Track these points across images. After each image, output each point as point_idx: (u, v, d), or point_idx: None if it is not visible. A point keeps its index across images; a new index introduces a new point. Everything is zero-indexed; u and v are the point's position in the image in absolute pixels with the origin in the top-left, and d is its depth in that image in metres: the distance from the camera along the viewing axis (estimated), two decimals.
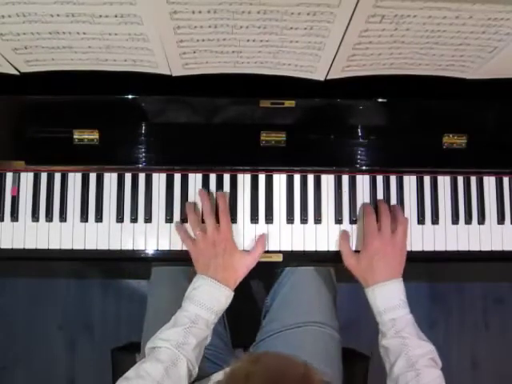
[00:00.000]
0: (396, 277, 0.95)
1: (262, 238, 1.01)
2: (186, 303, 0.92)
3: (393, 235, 0.98)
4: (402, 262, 0.98)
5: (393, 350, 0.90)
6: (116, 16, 0.73)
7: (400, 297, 0.94)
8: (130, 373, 0.84)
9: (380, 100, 0.99)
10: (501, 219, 1.06)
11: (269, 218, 1.04)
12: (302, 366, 0.66)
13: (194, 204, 1.02)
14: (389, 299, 0.93)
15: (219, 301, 0.92)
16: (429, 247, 1.05)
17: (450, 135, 1.03)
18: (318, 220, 1.04)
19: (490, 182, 1.07)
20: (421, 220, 1.05)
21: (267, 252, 1.03)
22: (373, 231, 0.98)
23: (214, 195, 1.03)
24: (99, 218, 1.03)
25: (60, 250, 1.02)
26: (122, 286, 1.76)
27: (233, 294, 0.95)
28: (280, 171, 1.05)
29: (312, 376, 0.65)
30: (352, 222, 1.04)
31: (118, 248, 1.03)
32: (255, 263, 0.98)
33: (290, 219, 1.04)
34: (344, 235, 1.03)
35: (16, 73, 0.90)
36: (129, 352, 1.12)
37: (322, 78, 0.91)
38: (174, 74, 0.90)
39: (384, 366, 0.94)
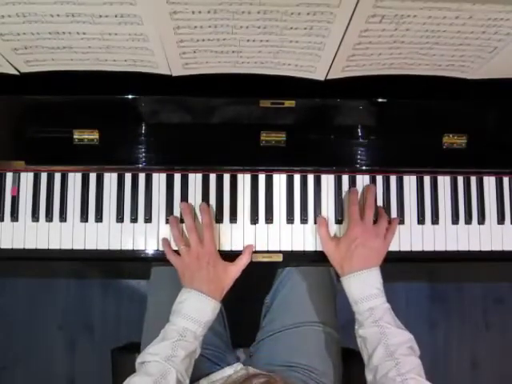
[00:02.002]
0: (373, 266, 0.95)
1: (249, 249, 1.01)
2: (174, 317, 0.92)
3: (375, 226, 0.99)
4: (381, 253, 0.98)
5: (371, 340, 0.90)
6: (116, 16, 0.73)
7: (376, 285, 0.93)
8: None
9: (380, 100, 0.99)
10: (501, 219, 1.06)
11: (269, 218, 1.04)
12: None
13: (177, 218, 1.02)
14: (365, 288, 0.93)
15: (206, 313, 0.92)
16: (429, 247, 1.05)
17: (450, 135, 1.03)
18: None
19: (490, 182, 1.07)
20: (421, 220, 1.05)
21: (267, 252, 1.03)
22: (356, 219, 0.98)
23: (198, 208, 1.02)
24: (99, 218, 1.03)
25: (60, 250, 1.02)
26: (122, 286, 1.76)
27: (219, 305, 0.95)
28: (280, 171, 1.05)
29: None
30: None
31: (118, 248, 1.03)
32: (239, 273, 0.98)
33: (290, 219, 1.04)
34: (322, 220, 1.02)
35: (16, 73, 0.90)
36: (129, 352, 1.12)
37: (322, 78, 0.91)
38: (174, 74, 0.90)
39: (362, 356, 0.93)
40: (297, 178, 1.05)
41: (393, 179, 1.06)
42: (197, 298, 0.92)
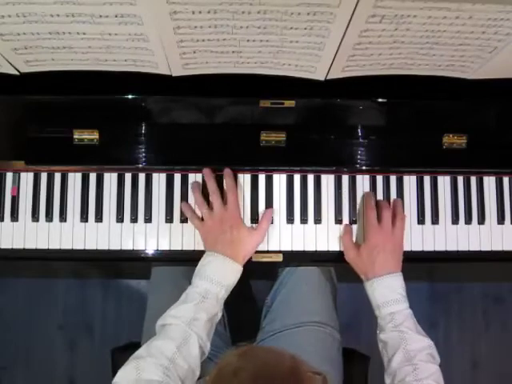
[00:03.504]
0: (396, 271, 0.95)
1: (268, 213, 1.01)
2: (196, 279, 0.92)
3: (393, 229, 0.98)
4: (401, 256, 0.98)
5: (391, 344, 0.90)
6: (116, 16, 0.73)
7: (399, 291, 0.94)
8: (141, 351, 0.84)
9: (380, 100, 0.99)
10: (501, 219, 1.06)
11: None
12: (290, 359, 0.66)
13: (200, 184, 1.02)
14: (388, 293, 0.93)
15: (228, 275, 0.93)
16: (429, 247, 1.05)
17: (450, 135, 1.03)
18: (318, 220, 1.04)
19: (490, 182, 1.07)
20: (421, 220, 1.05)
21: (267, 252, 1.03)
22: (374, 225, 0.98)
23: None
24: (99, 218, 1.03)
25: (60, 250, 1.02)
26: (122, 286, 1.75)
27: (241, 269, 0.95)
28: (280, 171, 1.05)
29: (300, 369, 0.65)
30: (352, 221, 1.04)
31: (118, 248, 1.03)
32: (263, 239, 0.99)
33: (290, 219, 1.04)
34: (347, 228, 1.03)
35: (16, 73, 0.90)
36: (129, 352, 1.11)
37: (322, 78, 0.91)
38: (174, 74, 0.90)
39: (382, 360, 0.94)
40: (297, 178, 1.05)
41: (393, 179, 1.06)
42: (220, 261, 0.93)
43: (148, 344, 0.84)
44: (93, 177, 1.04)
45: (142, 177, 1.04)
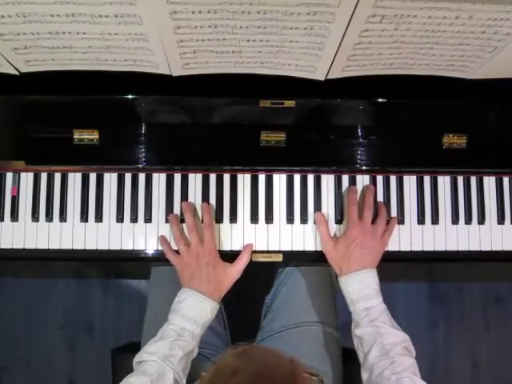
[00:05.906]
0: (370, 267, 0.95)
1: (248, 249, 1.01)
2: (172, 316, 0.92)
3: (374, 226, 0.99)
4: (378, 253, 0.98)
5: (367, 339, 0.90)
6: (116, 16, 0.73)
7: (373, 286, 0.94)
8: None
9: (380, 100, 0.99)
10: (501, 219, 1.06)
11: (269, 218, 1.04)
12: (289, 362, 0.66)
13: (178, 216, 1.02)
14: (362, 288, 0.93)
15: (204, 313, 0.92)
16: (429, 247, 1.05)
17: (450, 135, 1.03)
18: None
19: (490, 182, 1.07)
20: (421, 220, 1.05)
21: (267, 252, 1.03)
22: (354, 219, 0.99)
23: (200, 206, 1.03)
24: (99, 218, 1.03)
25: (60, 250, 1.02)
26: (122, 286, 1.76)
27: (218, 306, 0.95)
28: (280, 171, 1.05)
29: (298, 372, 0.65)
30: None
31: (118, 248, 1.03)
32: (240, 274, 0.98)
33: (290, 219, 1.04)
34: (321, 218, 1.02)
35: (16, 73, 0.90)
36: (129, 352, 1.11)
37: (322, 78, 0.91)
38: (174, 74, 0.90)
39: (358, 356, 0.94)
40: (297, 178, 1.05)
41: (393, 179, 1.06)
42: (196, 298, 0.92)
43: (124, 381, 0.84)
44: (93, 177, 1.04)
45: (141, 177, 1.04)
